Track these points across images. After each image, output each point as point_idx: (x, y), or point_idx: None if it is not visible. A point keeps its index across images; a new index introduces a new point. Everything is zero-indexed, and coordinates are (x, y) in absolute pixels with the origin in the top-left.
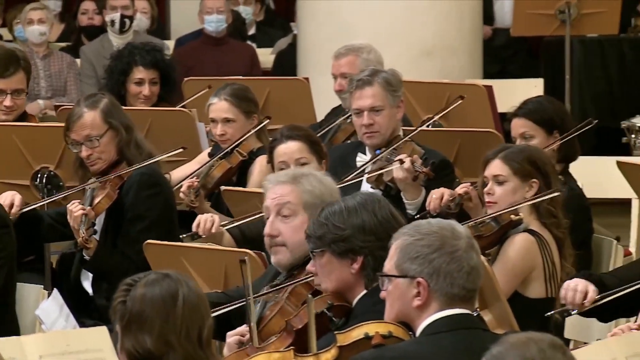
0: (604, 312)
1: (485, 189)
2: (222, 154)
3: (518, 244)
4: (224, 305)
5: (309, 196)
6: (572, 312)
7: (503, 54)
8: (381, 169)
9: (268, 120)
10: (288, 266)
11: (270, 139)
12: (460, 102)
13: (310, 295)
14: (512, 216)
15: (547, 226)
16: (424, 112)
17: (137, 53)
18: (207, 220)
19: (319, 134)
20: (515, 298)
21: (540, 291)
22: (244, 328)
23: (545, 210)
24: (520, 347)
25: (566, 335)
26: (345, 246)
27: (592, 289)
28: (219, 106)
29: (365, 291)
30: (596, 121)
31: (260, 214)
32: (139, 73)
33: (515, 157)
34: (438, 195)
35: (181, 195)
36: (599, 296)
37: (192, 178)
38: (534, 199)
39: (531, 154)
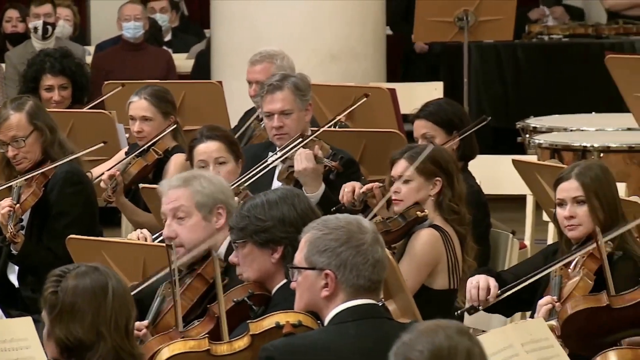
0: (507, 307)
1: (392, 188)
2: (138, 152)
3: (424, 239)
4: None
5: (200, 197)
6: (479, 308)
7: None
8: (290, 166)
9: (176, 125)
10: (187, 264)
11: (192, 138)
12: (365, 99)
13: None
14: (418, 213)
15: (450, 222)
16: (331, 114)
17: (47, 61)
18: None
19: (236, 137)
20: (421, 290)
21: (444, 283)
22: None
23: (448, 207)
24: (429, 334)
25: (465, 323)
26: (266, 237)
27: (493, 285)
28: (139, 104)
29: (285, 280)
30: (489, 118)
31: None
32: (48, 80)
33: (415, 155)
34: (350, 189)
35: (102, 185)
36: (499, 291)
37: (111, 169)
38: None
39: (434, 153)
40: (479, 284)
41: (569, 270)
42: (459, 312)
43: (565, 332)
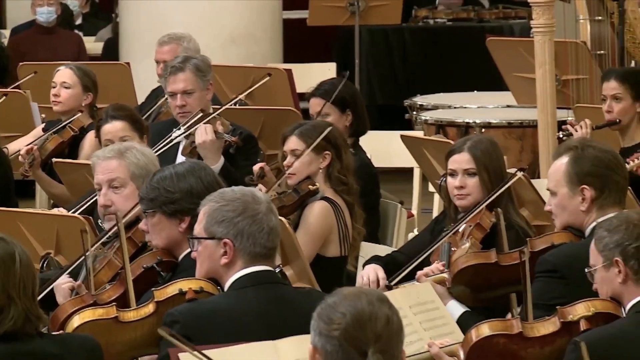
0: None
1: (285, 162)
2: (55, 129)
3: (316, 211)
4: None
5: (134, 168)
6: None
7: None
8: (193, 141)
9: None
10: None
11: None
12: (267, 79)
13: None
14: (310, 186)
15: (339, 193)
16: (231, 93)
17: None
18: None
19: (143, 116)
20: (316, 258)
21: (336, 251)
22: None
23: (337, 179)
24: (353, 298)
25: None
26: (175, 208)
27: (381, 277)
28: (63, 72)
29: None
30: (346, 75)
31: None
32: None
33: (309, 132)
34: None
35: (20, 159)
36: (391, 279)
37: (29, 145)
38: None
39: (318, 127)
40: (369, 278)
41: (457, 238)
42: None
43: (454, 284)
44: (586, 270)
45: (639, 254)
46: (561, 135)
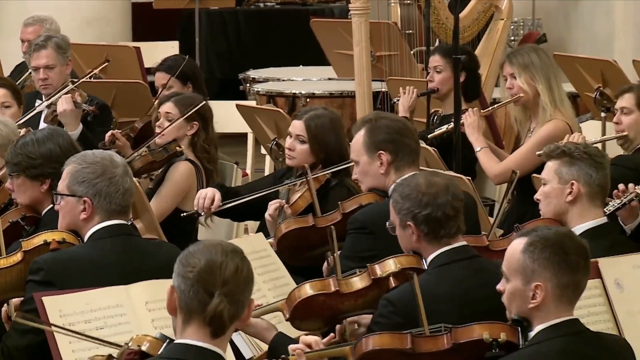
0: (237, 215)
1: (157, 123)
2: None
3: (181, 170)
4: None
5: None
6: (202, 214)
7: None
8: (54, 110)
9: None
10: None
11: None
12: (106, 64)
13: None
14: (177, 148)
15: (200, 159)
16: (87, 67)
17: None
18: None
19: None
20: (175, 210)
21: (191, 207)
22: None
23: (201, 147)
24: (210, 248)
25: (200, 237)
26: (36, 172)
27: (217, 197)
28: None
29: (52, 205)
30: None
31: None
32: None
33: (184, 102)
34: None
35: None
36: (225, 202)
37: None
38: None
39: (193, 100)
40: (206, 195)
41: (296, 188)
42: (183, 214)
43: (279, 247)
44: (387, 224)
45: (427, 220)
46: (395, 100)
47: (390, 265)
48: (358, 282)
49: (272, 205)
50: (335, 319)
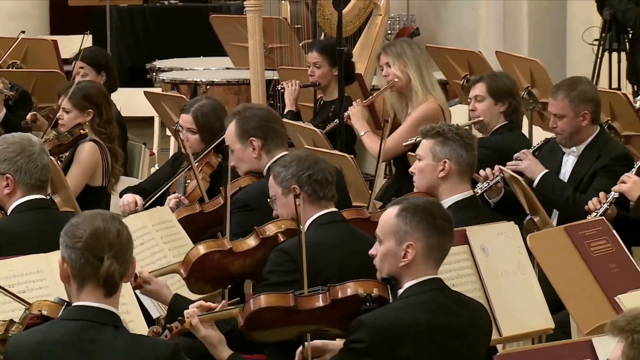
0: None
1: (57, 115)
2: None
3: (87, 150)
4: None
5: None
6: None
7: None
8: None
9: None
10: None
11: None
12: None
13: None
14: (81, 131)
15: (101, 139)
16: (10, 59)
17: None
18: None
19: None
20: (85, 187)
21: (99, 182)
22: None
23: (96, 130)
24: (90, 218)
25: (112, 209)
26: None
27: (139, 199)
28: None
29: None
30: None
31: None
32: None
33: (76, 93)
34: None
35: None
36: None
37: None
38: None
39: (87, 90)
40: (129, 201)
41: (192, 173)
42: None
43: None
44: (268, 200)
45: (310, 180)
46: (280, 88)
47: (274, 227)
48: (249, 241)
49: (172, 200)
50: (225, 280)
